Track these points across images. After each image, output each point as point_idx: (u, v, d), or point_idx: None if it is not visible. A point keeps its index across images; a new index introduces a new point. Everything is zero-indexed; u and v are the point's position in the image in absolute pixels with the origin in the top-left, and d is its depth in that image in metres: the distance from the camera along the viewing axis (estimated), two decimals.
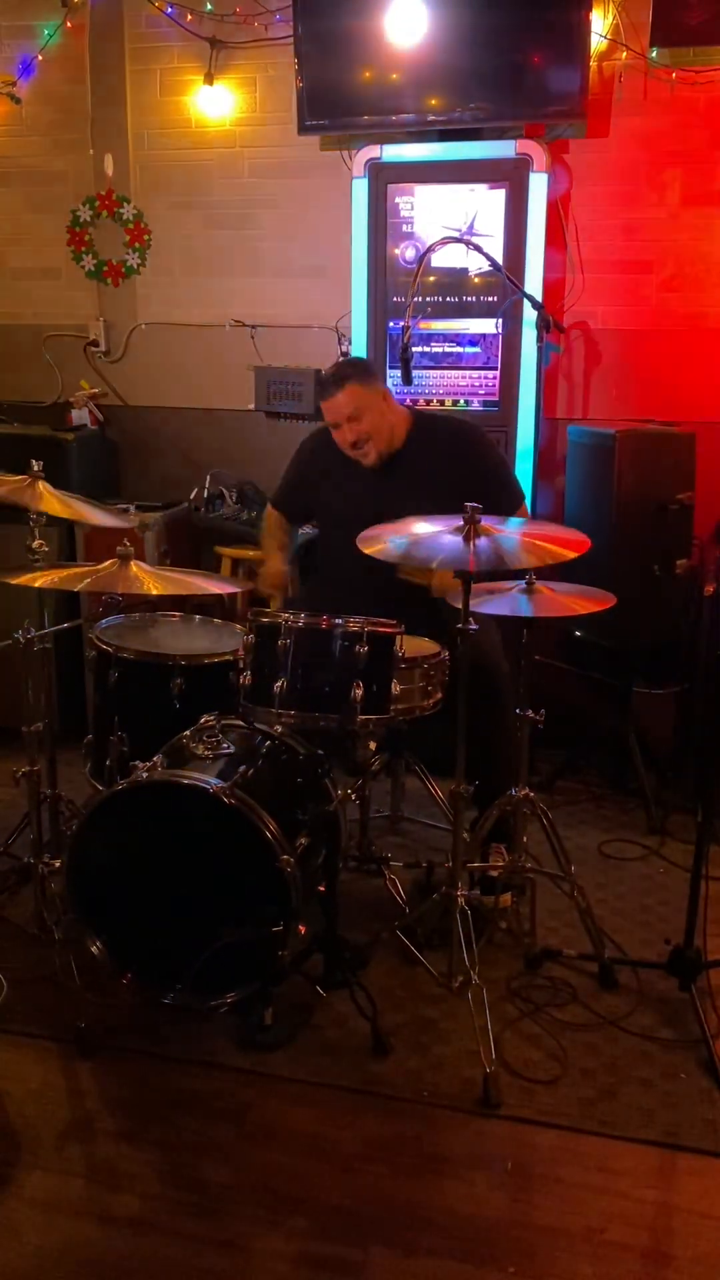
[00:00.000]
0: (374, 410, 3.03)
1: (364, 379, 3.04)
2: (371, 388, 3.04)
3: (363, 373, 3.07)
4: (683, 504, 3.58)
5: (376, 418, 3.04)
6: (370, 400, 3.02)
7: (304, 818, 2.62)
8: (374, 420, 3.04)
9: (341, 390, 3.00)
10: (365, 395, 3.01)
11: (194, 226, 4.34)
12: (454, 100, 3.73)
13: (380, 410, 3.05)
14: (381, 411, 3.05)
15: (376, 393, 3.05)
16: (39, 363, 4.56)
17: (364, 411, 3.02)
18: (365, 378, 3.04)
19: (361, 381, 3.02)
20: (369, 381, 3.04)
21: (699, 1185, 2.14)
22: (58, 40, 4.29)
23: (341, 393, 3.01)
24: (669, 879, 3.31)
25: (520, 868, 2.88)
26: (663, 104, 3.77)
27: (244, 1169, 2.17)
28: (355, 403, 3.01)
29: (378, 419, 3.04)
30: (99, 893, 2.59)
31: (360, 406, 3.02)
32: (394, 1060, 2.47)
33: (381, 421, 3.05)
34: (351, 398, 3.01)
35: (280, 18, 3.99)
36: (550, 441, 3.95)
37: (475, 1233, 2.03)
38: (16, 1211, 2.06)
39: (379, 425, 3.04)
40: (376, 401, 3.04)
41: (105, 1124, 2.29)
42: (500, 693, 2.89)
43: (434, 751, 3.31)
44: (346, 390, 3.00)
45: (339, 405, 3.02)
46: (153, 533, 4.02)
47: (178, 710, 2.83)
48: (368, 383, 3.03)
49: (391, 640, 2.55)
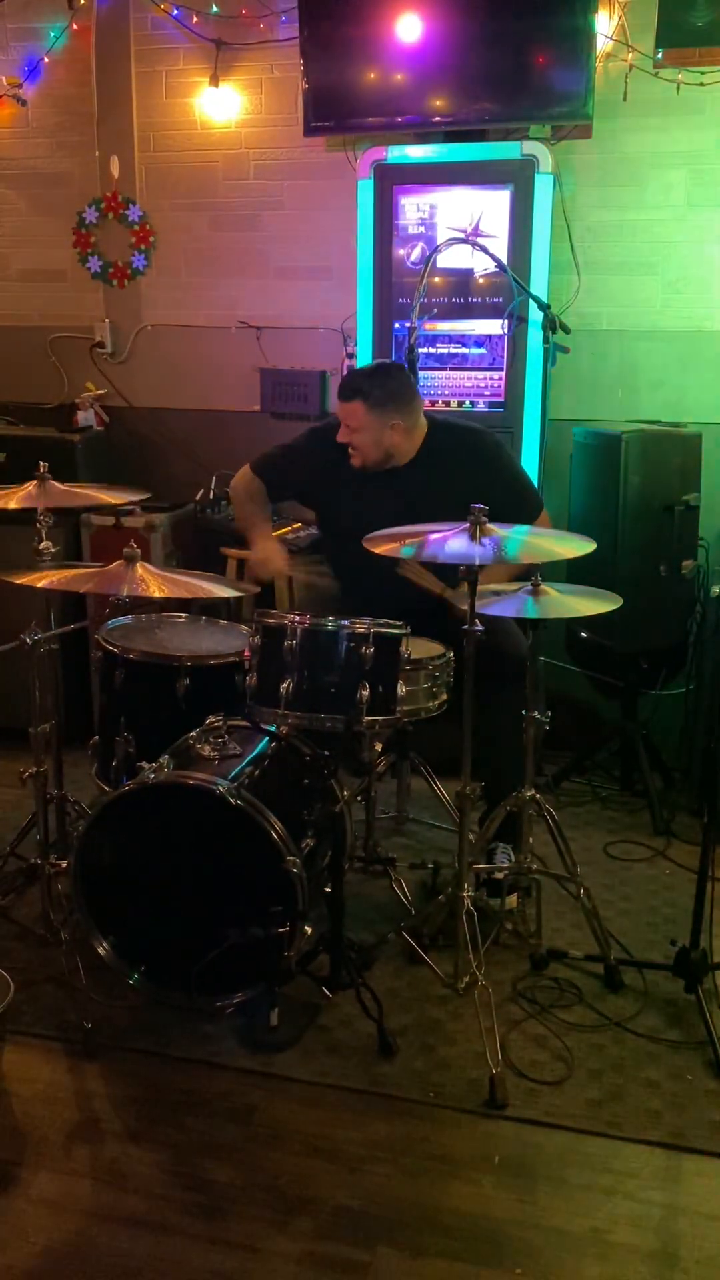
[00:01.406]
0: (371, 431, 3.03)
1: (377, 405, 3.00)
2: (381, 415, 3.00)
3: (380, 398, 3.00)
4: (689, 505, 3.58)
5: (370, 438, 3.04)
6: (370, 423, 3.02)
7: (310, 819, 2.62)
8: (367, 439, 3.05)
9: (349, 403, 3.03)
10: (367, 418, 3.01)
11: (199, 228, 4.34)
12: (459, 101, 3.73)
13: (377, 435, 3.03)
14: (378, 437, 3.04)
15: (383, 421, 3.01)
16: (45, 364, 4.57)
17: (360, 430, 3.04)
18: (379, 404, 3.00)
19: (372, 407, 3.00)
20: (381, 409, 3.00)
21: (705, 1187, 2.14)
22: (64, 42, 4.30)
23: (348, 405, 3.03)
24: (675, 880, 3.31)
25: (526, 869, 2.88)
26: (668, 105, 3.77)
27: (250, 1169, 2.17)
28: (354, 420, 3.04)
29: (371, 440, 3.05)
30: (105, 893, 2.60)
31: (358, 425, 3.04)
32: (400, 1061, 2.47)
33: (374, 444, 3.05)
34: (352, 414, 3.03)
35: (285, 19, 3.99)
36: (556, 443, 3.95)
37: (481, 1233, 2.03)
38: (24, 1211, 2.07)
39: (369, 445, 3.06)
40: (377, 426, 3.02)
41: (112, 1124, 2.29)
42: (523, 682, 2.87)
43: (440, 752, 3.32)
44: (353, 406, 3.02)
45: (341, 412, 3.07)
46: (159, 534, 4.03)
47: (184, 711, 2.83)
48: (378, 410, 3.00)
49: (397, 641, 2.55)
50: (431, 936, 2.85)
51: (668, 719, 4.00)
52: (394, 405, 3.02)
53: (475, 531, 2.47)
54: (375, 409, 3.00)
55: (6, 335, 4.62)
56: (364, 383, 3.03)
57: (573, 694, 4.16)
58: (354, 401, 3.01)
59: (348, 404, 3.02)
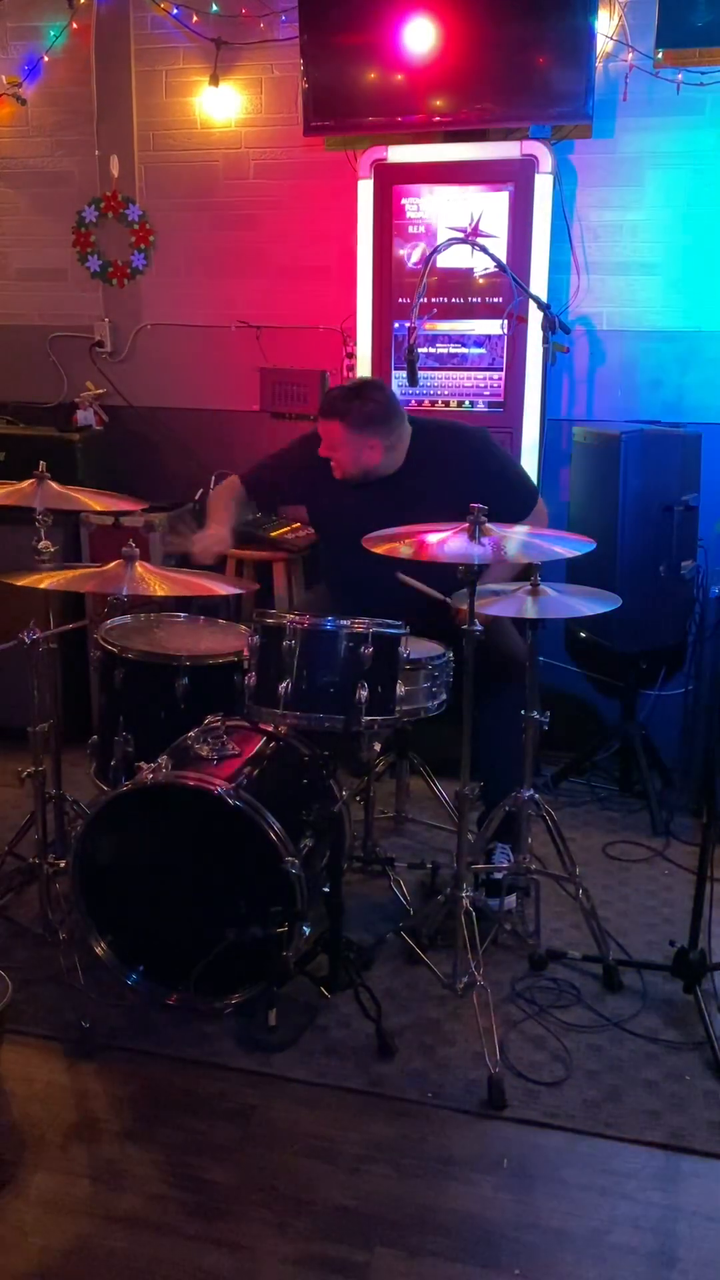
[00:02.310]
0: (349, 450, 3.02)
1: (355, 426, 2.97)
2: (359, 435, 2.98)
3: (358, 419, 2.97)
4: (688, 505, 3.58)
5: (349, 456, 3.04)
6: (348, 442, 3.00)
7: (309, 819, 2.62)
8: (345, 456, 3.04)
9: (328, 422, 3.01)
10: (345, 437, 3.00)
11: (199, 227, 4.34)
12: (459, 101, 3.72)
13: (355, 454, 3.02)
14: (356, 455, 3.02)
15: (361, 441, 2.99)
16: (44, 364, 4.57)
17: (339, 447, 3.04)
18: (357, 425, 2.97)
19: (349, 427, 2.97)
20: (359, 430, 2.98)
21: (704, 1188, 2.14)
22: (63, 41, 4.30)
23: (326, 423, 3.02)
24: (674, 881, 3.31)
25: (525, 869, 2.88)
26: (668, 105, 3.77)
27: (248, 1170, 2.17)
28: (333, 438, 3.03)
29: (350, 457, 3.04)
30: (104, 893, 2.60)
31: (336, 443, 3.03)
32: (399, 1061, 2.47)
33: (353, 461, 3.04)
34: (330, 432, 3.02)
35: (285, 19, 3.98)
36: (555, 443, 3.95)
37: (480, 1234, 2.03)
38: (22, 1211, 2.06)
39: (348, 462, 3.05)
40: (355, 445, 3.01)
41: (110, 1124, 2.29)
42: (522, 682, 2.87)
43: (439, 752, 3.32)
44: (330, 425, 3.01)
45: (320, 429, 3.05)
46: (158, 533, 4.03)
47: (183, 711, 2.83)
48: (356, 431, 2.98)
49: (396, 641, 2.55)
50: (430, 937, 2.85)
51: (667, 719, 4.00)
52: (372, 427, 2.99)
53: (475, 531, 2.47)
54: (353, 429, 2.98)
55: (6, 334, 4.62)
56: (342, 404, 2.99)
57: (572, 694, 4.16)
58: (332, 421, 3.00)
59: (326, 422, 3.02)
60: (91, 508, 3.00)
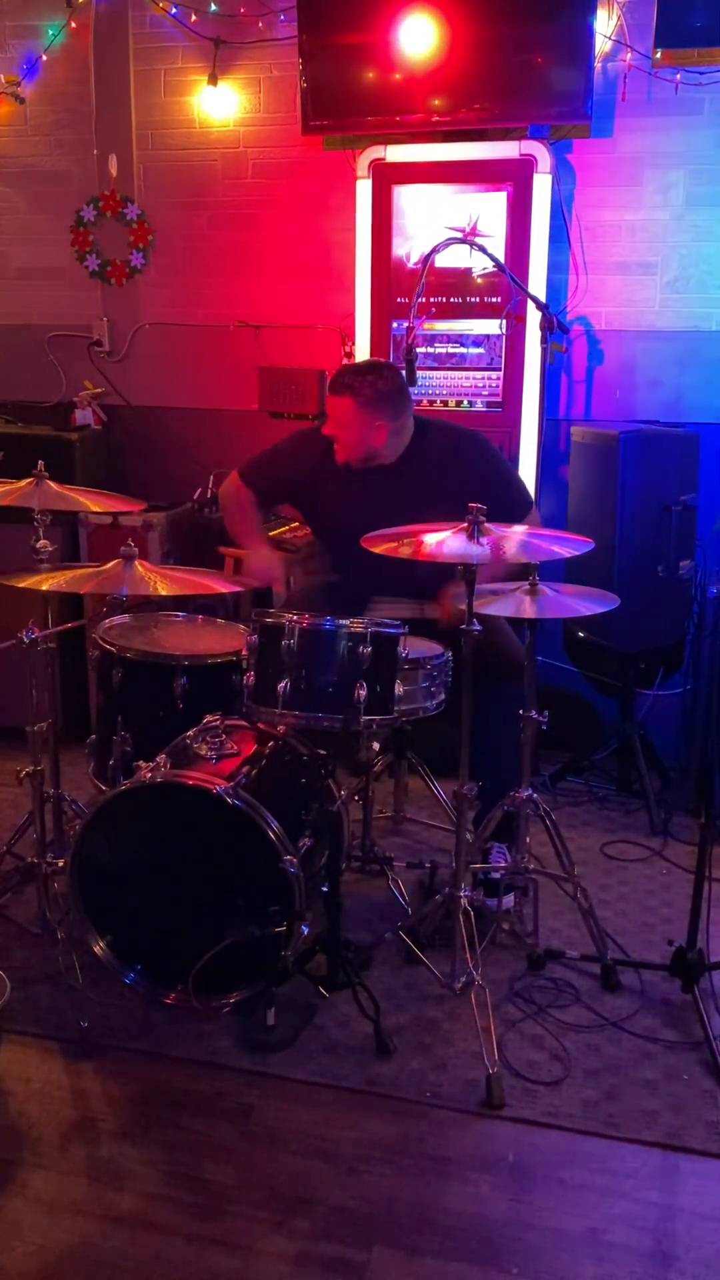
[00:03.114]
0: (356, 429, 3.01)
1: (366, 404, 2.97)
2: (368, 413, 2.98)
3: (370, 397, 2.97)
4: (686, 505, 3.58)
5: (355, 435, 3.03)
6: (357, 420, 3.00)
7: (307, 818, 2.63)
8: (352, 436, 3.03)
9: (338, 398, 3.00)
10: (354, 415, 2.99)
11: (198, 227, 4.34)
12: (458, 101, 3.72)
13: (363, 433, 3.01)
14: (363, 435, 3.02)
15: (370, 420, 2.99)
16: (43, 363, 4.57)
17: (346, 426, 3.03)
18: (368, 403, 2.97)
19: (360, 405, 2.97)
20: (369, 408, 2.97)
21: (702, 1187, 2.14)
22: (62, 40, 4.30)
23: (337, 399, 3.01)
24: (672, 880, 3.31)
25: (523, 869, 2.88)
26: (667, 105, 3.77)
27: (247, 1169, 2.17)
28: (342, 415, 3.02)
29: (356, 436, 3.03)
30: (102, 893, 2.60)
31: (345, 421, 3.02)
32: (397, 1061, 2.47)
33: (359, 441, 3.03)
34: (340, 409, 3.01)
35: (284, 18, 3.99)
36: (554, 443, 3.95)
37: (478, 1234, 2.03)
38: (20, 1211, 2.06)
39: (354, 442, 3.04)
40: (363, 424, 3.00)
41: (108, 1124, 2.29)
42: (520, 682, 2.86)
43: (438, 752, 3.32)
44: (342, 401, 3.00)
45: (330, 405, 3.05)
46: (156, 532, 4.02)
47: (181, 710, 2.83)
48: (366, 409, 2.97)
49: (395, 641, 2.55)
50: (428, 936, 2.85)
51: (665, 719, 4.00)
52: (382, 406, 2.99)
53: (473, 531, 2.47)
54: (364, 407, 2.98)
55: (4, 333, 4.61)
56: (355, 379, 2.99)
57: (570, 694, 4.17)
58: (343, 397, 2.99)
59: (337, 398, 3.01)
60: (89, 508, 2.99)
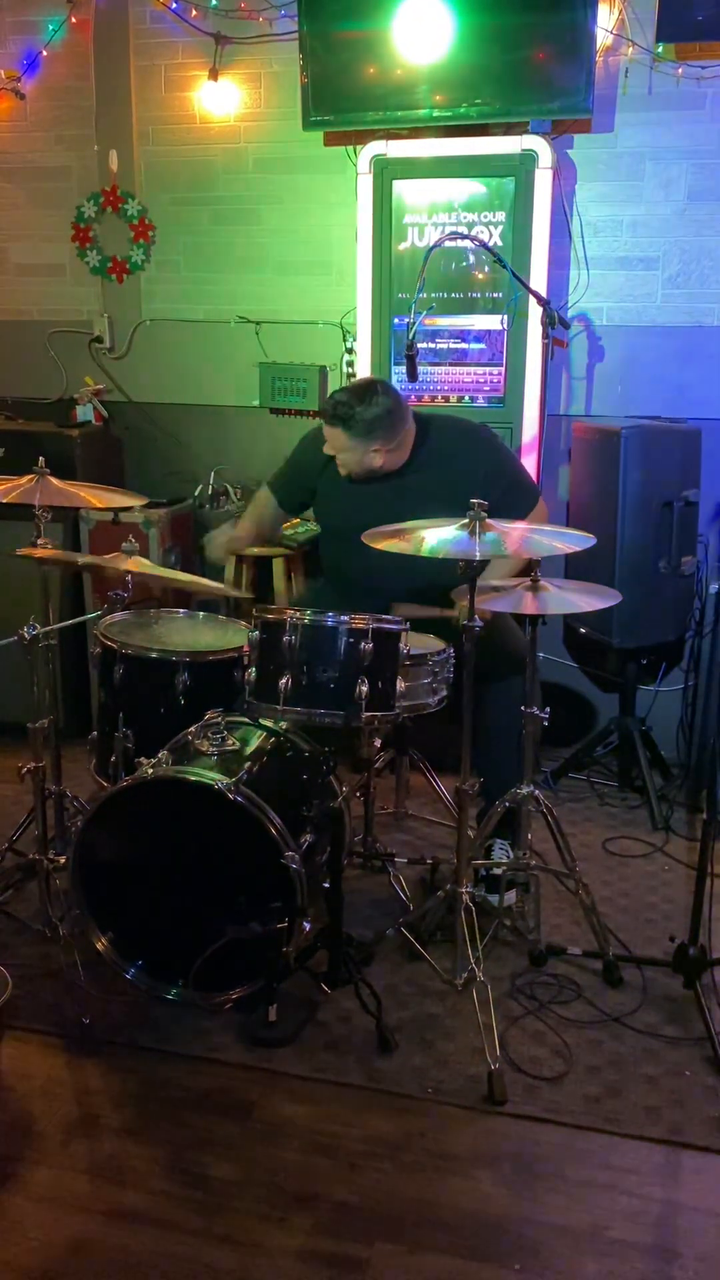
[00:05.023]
0: (353, 454, 3.00)
1: (359, 434, 2.94)
2: (362, 441, 2.95)
3: (362, 427, 2.93)
4: (688, 501, 3.58)
5: (353, 459, 3.02)
6: (352, 447, 2.98)
7: (309, 814, 2.62)
8: (350, 459, 3.03)
9: (331, 428, 2.99)
10: (348, 443, 2.98)
11: (198, 222, 4.33)
12: (459, 96, 3.71)
13: (359, 457, 3.00)
14: (360, 458, 3.00)
15: (365, 446, 2.97)
16: (44, 359, 4.56)
17: (343, 451, 3.02)
18: (362, 432, 2.94)
19: (353, 435, 2.95)
20: (363, 437, 2.95)
21: (704, 1183, 2.14)
22: (62, 35, 4.29)
23: (330, 429, 2.99)
24: (674, 876, 3.30)
25: (525, 865, 2.88)
26: (668, 99, 3.76)
27: (249, 1165, 2.17)
28: (336, 443, 3.01)
29: (354, 460, 3.02)
30: (104, 889, 2.60)
31: (340, 448, 3.01)
32: (399, 1057, 2.47)
33: (357, 463, 3.02)
34: (334, 438, 3.00)
35: (285, 13, 3.97)
36: (555, 438, 3.94)
37: (480, 1229, 2.03)
38: (22, 1207, 2.07)
39: (352, 464, 3.03)
40: (358, 450, 2.98)
41: (110, 1120, 2.29)
42: (522, 678, 2.85)
43: (439, 748, 3.32)
44: (334, 431, 2.98)
45: (325, 432, 3.03)
46: (157, 529, 4.02)
47: (183, 707, 2.83)
48: (360, 438, 2.95)
49: (397, 637, 2.55)
50: (430, 932, 2.85)
51: (666, 715, 4.00)
52: (375, 433, 2.95)
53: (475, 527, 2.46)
54: (356, 437, 2.96)
55: (5, 330, 4.61)
56: (345, 410, 2.93)
57: (571, 690, 4.16)
58: (334, 428, 2.98)
59: (330, 429, 3.00)
60: (91, 503, 2.99)
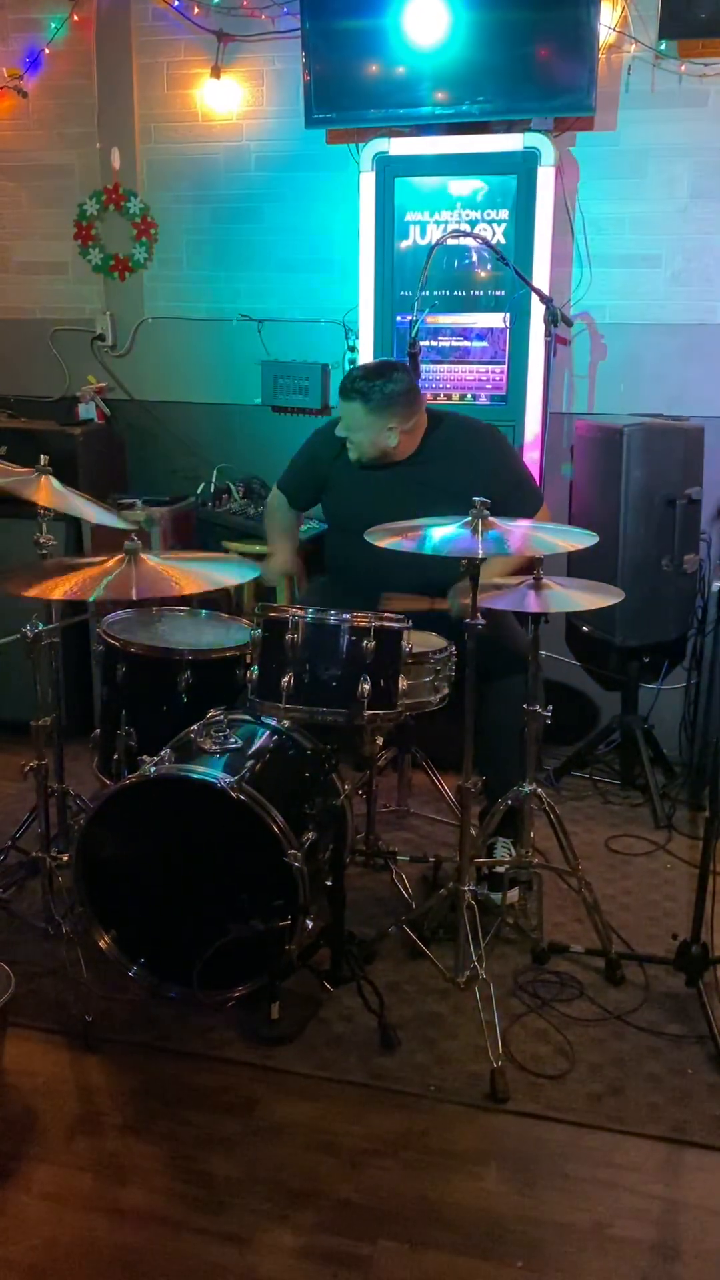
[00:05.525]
0: (367, 432, 3.00)
1: (375, 409, 2.95)
2: (378, 417, 2.96)
3: (379, 401, 2.95)
4: (691, 499, 3.58)
5: (367, 438, 3.02)
6: (367, 424, 2.99)
7: (311, 812, 2.62)
8: (363, 439, 3.03)
9: (348, 403, 2.99)
10: (364, 419, 2.98)
11: (201, 220, 4.33)
12: (462, 94, 3.71)
13: (374, 435, 3.00)
14: (374, 438, 3.01)
15: (380, 424, 2.98)
16: (46, 357, 4.56)
17: (358, 430, 3.02)
18: (378, 407, 2.95)
19: (370, 410, 2.96)
20: (379, 413, 2.96)
21: (707, 1181, 2.14)
22: (64, 33, 4.28)
23: (346, 404, 3.00)
24: (676, 874, 3.31)
25: (527, 863, 2.88)
26: (671, 97, 3.75)
27: (251, 1163, 2.17)
28: (351, 419, 3.01)
29: (368, 439, 3.02)
30: (107, 887, 2.60)
31: (355, 425, 3.01)
32: (401, 1055, 2.47)
33: (370, 444, 3.02)
34: (350, 413, 3.00)
35: (287, 11, 3.97)
36: (558, 436, 3.94)
37: (483, 1227, 2.03)
38: (25, 1205, 2.07)
39: (365, 444, 3.03)
40: (374, 428, 2.99)
41: (113, 1118, 2.29)
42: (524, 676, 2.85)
43: (441, 746, 3.31)
44: (351, 406, 2.99)
45: (340, 409, 3.04)
46: (159, 528, 4.02)
47: (185, 705, 2.84)
48: (376, 413, 2.96)
49: (399, 635, 2.55)
50: (432, 930, 2.85)
51: (669, 713, 4.00)
52: (392, 409, 2.97)
53: (477, 525, 2.46)
54: (373, 412, 2.96)
55: (7, 328, 4.61)
56: (363, 384, 2.96)
57: (574, 688, 4.16)
58: (353, 402, 2.98)
59: (346, 403, 3.00)
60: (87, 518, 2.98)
